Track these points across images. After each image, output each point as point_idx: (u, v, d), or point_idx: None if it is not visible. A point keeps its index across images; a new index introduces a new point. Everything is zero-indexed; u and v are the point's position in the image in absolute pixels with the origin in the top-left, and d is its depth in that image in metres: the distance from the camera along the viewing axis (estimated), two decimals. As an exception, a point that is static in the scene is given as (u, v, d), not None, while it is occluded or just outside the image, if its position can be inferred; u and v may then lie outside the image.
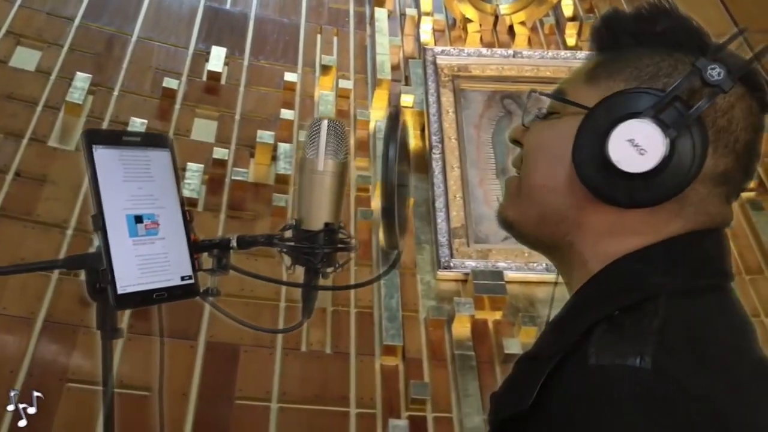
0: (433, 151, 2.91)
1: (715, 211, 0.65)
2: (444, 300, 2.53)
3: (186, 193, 2.60)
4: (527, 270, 2.63)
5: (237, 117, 3.00)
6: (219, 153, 2.75)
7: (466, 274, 2.58)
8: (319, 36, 3.51)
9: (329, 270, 0.89)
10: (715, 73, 0.60)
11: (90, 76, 2.85)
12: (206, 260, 0.98)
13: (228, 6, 3.53)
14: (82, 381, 2.11)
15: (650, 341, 0.54)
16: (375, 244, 2.65)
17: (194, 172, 2.66)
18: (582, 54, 3.42)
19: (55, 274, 2.29)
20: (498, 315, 2.52)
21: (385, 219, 0.86)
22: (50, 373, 2.12)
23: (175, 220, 0.89)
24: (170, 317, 2.38)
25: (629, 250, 0.63)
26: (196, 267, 0.90)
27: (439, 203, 2.75)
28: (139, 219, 0.85)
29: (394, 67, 3.40)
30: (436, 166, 2.85)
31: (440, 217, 2.71)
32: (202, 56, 3.18)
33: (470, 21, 3.67)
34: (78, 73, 2.83)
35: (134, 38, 3.16)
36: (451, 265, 2.60)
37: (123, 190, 0.84)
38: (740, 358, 0.60)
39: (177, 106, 2.96)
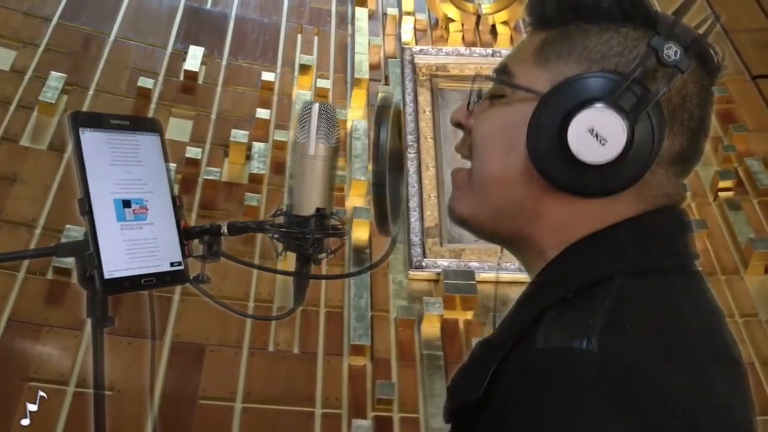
0: (408, 150, 2.89)
1: (673, 190, 0.64)
2: (415, 300, 2.51)
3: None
4: (500, 270, 2.61)
5: (213, 116, 3.00)
6: (192, 152, 2.74)
7: (439, 273, 2.56)
8: (299, 36, 3.50)
9: (321, 256, 0.88)
10: (672, 52, 0.57)
11: (65, 75, 2.85)
12: (196, 247, 0.96)
13: (208, 6, 3.52)
14: (45, 380, 2.10)
15: (598, 323, 0.53)
16: (347, 243, 2.64)
17: (166, 171, 2.64)
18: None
19: (22, 273, 2.28)
20: (469, 315, 2.50)
21: (376, 206, 0.82)
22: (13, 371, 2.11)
23: (164, 206, 0.87)
24: (135, 316, 2.36)
25: (586, 234, 0.61)
26: (185, 253, 0.88)
27: (413, 203, 2.74)
28: (127, 203, 0.83)
29: (375, 67, 3.39)
30: (411, 166, 2.84)
31: (413, 216, 2.69)
32: (180, 56, 3.18)
33: (452, 21, 3.66)
34: (52, 72, 2.83)
35: (112, 38, 3.16)
36: (423, 264, 2.59)
37: (111, 173, 0.83)
38: (699, 338, 0.57)
39: (152, 106, 2.95)
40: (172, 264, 0.86)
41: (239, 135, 2.83)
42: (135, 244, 0.83)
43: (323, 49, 3.47)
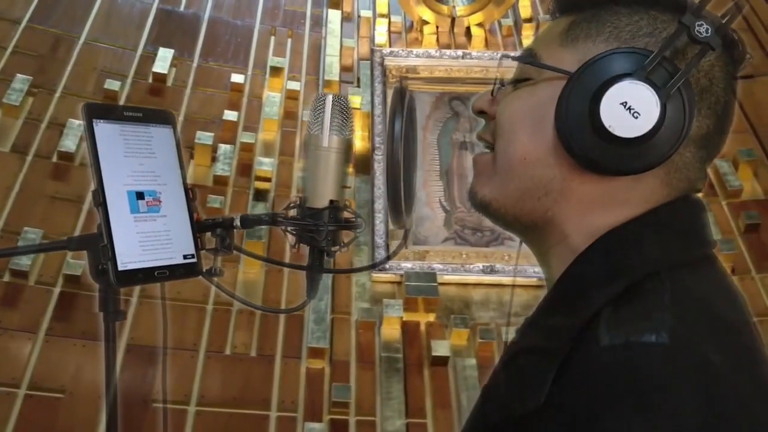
0: (376, 152, 2.88)
1: (695, 176, 0.63)
2: (378, 302, 2.50)
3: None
4: (464, 272, 2.60)
5: (180, 118, 2.98)
6: (156, 154, 2.72)
7: (402, 275, 2.54)
8: (272, 38, 3.49)
9: (334, 249, 0.85)
10: (703, 29, 0.57)
11: (30, 77, 2.84)
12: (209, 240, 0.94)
13: (181, 8, 3.51)
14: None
15: (663, 316, 0.52)
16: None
17: (129, 173, 2.63)
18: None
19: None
20: (431, 317, 2.48)
21: (390, 198, 0.82)
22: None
23: (177, 198, 0.86)
24: (92, 319, 2.35)
25: (616, 222, 0.60)
26: (198, 246, 0.87)
27: (379, 204, 2.72)
28: (140, 195, 0.82)
29: (347, 69, 3.38)
30: (378, 168, 2.83)
31: (379, 218, 2.68)
32: (150, 58, 3.16)
33: (427, 23, 3.65)
34: (18, 75, 2.82)
35: (81, 40, 3.15)
36: (387, 266, 2.57)
37: (124, 165, 0.82)
38: (740, 327, 0.58)
39: (119, 108, 2.94)
40: (185, 257, 0.86)
41: (204, 137, 2.82)
42: (148, 236, 0.82)
43: (296, 51, 3.46)
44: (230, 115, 2.98)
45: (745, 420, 0.50)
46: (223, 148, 2.84)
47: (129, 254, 0.80)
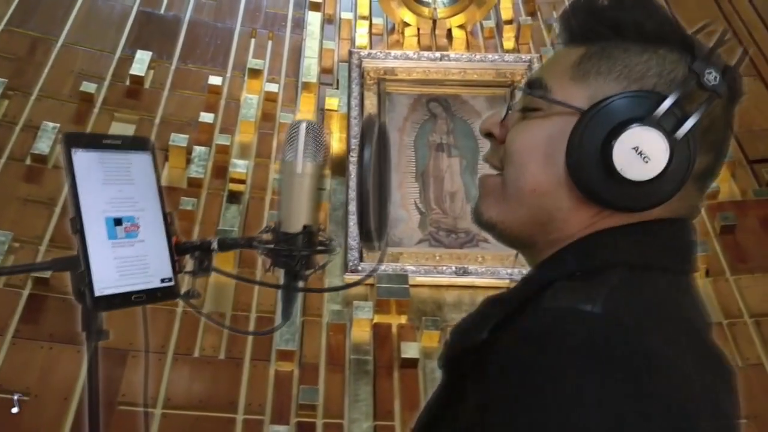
0: (351, 153, 2.87)
1: (695, 203, 0.66)
2: (349, 304, 2.49)
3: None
4: (436, 273, 2.59)
5: (157, 120, 2.98)
6: (129, 156, 2.72)
7: (375, 277, 2.53)
8: (253, 40, 3.49)
9: (308, 272, 0.89)
10: (712, 77, 0.60)
11: (6, 80, 2.84)
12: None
13: (162, 10, 3.51)
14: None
15: (603, 292, 0.55)
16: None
17: (102, 175, 2.63)
18: (518, 56, 3.39)
19: None
20: (403, 319, 2.47)
21: (360, 226, 0.85)
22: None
23: (156, 223, 0.89)
24: (61, 321, 2.35)
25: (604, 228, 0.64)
26: (176, 269, 0.90)
27: (353, 206, 2.71)
28: (118, 221, 0.85)
29: (328, 71, 3.38)
30: (353, 169, 2.81)
31: (353, 220, 2.67)
32: (129, 60, 3.16)
33: (408, 25, 3.64)
34: (-7, 77, 2.82)
35: (60, 42, 3.15)
36: (360, 268, 2.56)
37: (102, 192, 0.84)
38: (687, 326, 0.60)
39: (95, 110, 2.94)
40: (162, 280, 0.88)
41: (179, 139, 2.81)
42: (126, 262, 0.85)
43: (276, 54, 3.45)
44: (206, 117, 2.98)
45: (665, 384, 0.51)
46: (198, 150, 2.84)
47: (106, 280, 0.82)
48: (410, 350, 2.33)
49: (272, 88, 3.20)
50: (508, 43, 3.60)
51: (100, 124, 2.89)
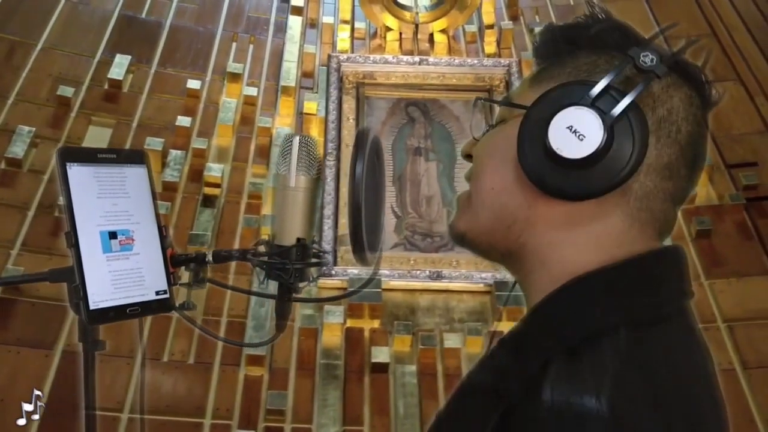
0: (327, 157, 2.87)
1: (659, 208, 0.64)
2: (321, 309, 2.48)
3: (60, 200, 2.57)
4: (410, 278, 2.59)
5: (134, 124, 2.98)
6: (104, 160, 2.72)
7: (347, 281, 2.53)
8: (234, 44, 3.49)
9: (301, 285, 0.90)
10: (648, 59, 0.61)
11: (-19, 84, 2.84)
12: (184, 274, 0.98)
13: (143, 14, 3.51)
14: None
15: (607, 381, 0.53)
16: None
17: (76, 179, 2.63)
18: (497, 60, 3.39)
19: None
20: (376, 323, 2.46)
21: (352, 239, 0.85)
22: None
23: (150, 236, 0.90)
24: (29, 326, 2.34)
25: (587, 260, 0.62)
26: (171, 281, 0.91)
27: (328, 210, 2.71)
28: (113, 235, 0.86)
29: (308, 75, 3.38)
30: (329, 173, 2.82)
31: (327, 224, 2.67)
32: (108, 64, 3.16)
33: (390, 29, 3.64)
34: (-32, 81, 2.82)
35: (39, 46, 3.15)
36: (333, 273, 2.56)
37: (97, 206, 0.85)
38: (698, 395, 0.59)
39: (72, 114, 2.93)
40: (157, 293, 0.89)
41: (154, 142, 2.81)
42: (121, 275, 0.85)
43: (257, 58, 3.45)
44: (183, 120, 2.97)
45: None
46: (174, 153, 2.84)
47: (101, 293, 0.83)
48: (381, 355, 2.32)
49: (251, 92, 3.20)
50: (490, 47, 3.60)
51: (77, 128, 2.89)
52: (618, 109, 0.60)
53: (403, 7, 3.68)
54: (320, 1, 3.85)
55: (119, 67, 3.12)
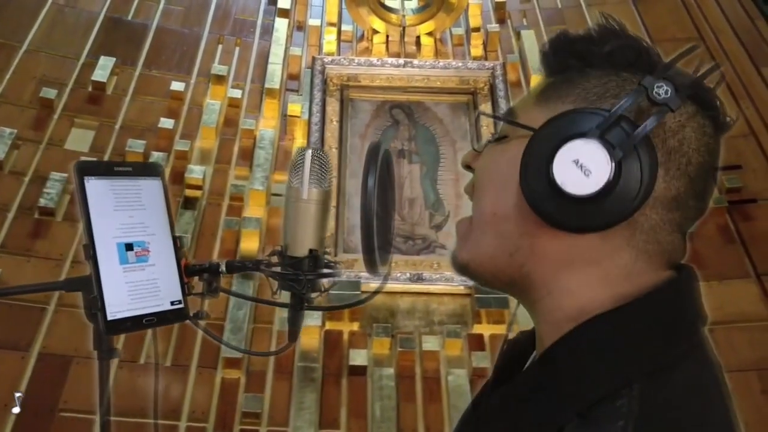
0: (310, 160, 2.86)
1: (666, 239, 0.61)
2: (300, 311, 2.47)
3: (42, 202, 2.57)
4: (391, 280, 2.57)
5: (117, 126, 2.98)
6: (85, 162, 2.71)
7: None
8: (220, 46, 3.49)
9: (314, 295, 0.92)
10: (662, 91, 0.58)
11: (-38, 87, 2.84)
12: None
13: (129, 17, 3.52)
14: None
15: None
16: (239, 255, 2.61)
17: (56, 181, 2.63)
18: (482, 63, 3.39)
19: None
20: (355, 326, 2.46)
21: (364, 249, 0.86)
22: None
23: (165, 247, 0.92)
24: (5, 328, 2.33)
25: (597, 297, 0.60)
26: (185, 291, 0.93)
27: (309, 213, 2.70)
28: (129, 247, 0.88)
29: (294, 77, 3.38)
30: (311, 176, 2.80)
31: (308, 226, 2.65)
32: (93, 66, 3.16)
33: (377, 32, 3.64)
34: (-49, 83, 2.82)
35: (23, 48, 3.15)
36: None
37: (114, 219, 0.87)
38: None
39: (55, 116, 2.93)
40: (172, 303, 0.91)
41: (135, 144, 2.81)
42: (137, 286, 0.87)
43: (243, 60, 3.45)
44: (166, 122, 2.97)
45: None
46: (156, 155, 2.83)
47: (118, 304, 0.85)
48: (358, 357, 2.32)
49: (236, 94, 3.20)
50: (476, 50, 3.60)
51: (59, 130, 2.88)
52: (628, 144, 0.57)
53: (389, 9, 3.68)
54: (308, 3, 3.86)
55: (103, 69, 3.12)
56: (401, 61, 3.23)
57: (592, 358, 0.58)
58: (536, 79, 3.48)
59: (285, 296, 0.97)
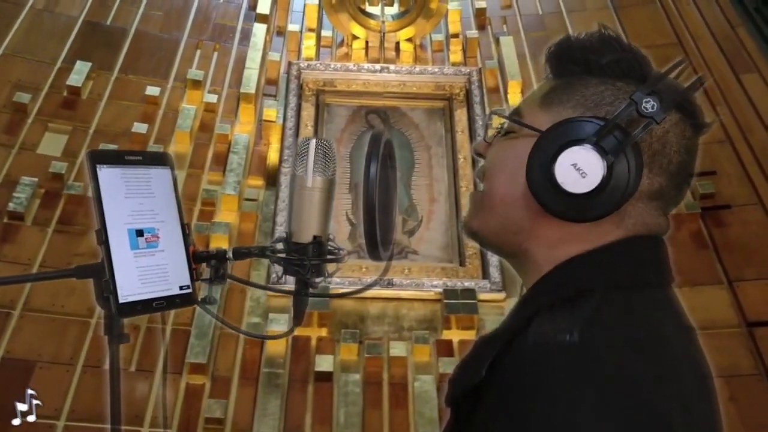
0: (283, 164, 2.86)
1: (652, 222, 0.72)
2: (267, 317, 2.46)
3: (11, 207, 2.57)
4: (361, 285, 2.56)
5: (91, 131, 2.97)
6: (56, 167, 2.71)
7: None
8: (198, 51, 3.49)
9: (318, 280, 0.95)
10: (649, 105, 0.68)
11: (-65, 91, 2.83)
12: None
13: (108, 22, 3.52)
14: None
15: (580, 321, 0.63)
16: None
17: (26, 185, 2.62)
18: (458, 69, 3.38)
19: None
20: (324, 331, 2.44)
21: (366, 236, 0.91)
22: None
23: (174, 233, 0.95)
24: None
25: (576, 254, 0.71)
26: (194, 277, 0.96)
27: (281, 217, 2.70)
28: (140, 233, 0.91)
29: (272, 83, 3.38)
30: (284, 180, 2.80)
31: (278, 231, 2.65)
32: (68, 71, 3.16)
33: (357, 38, 3.65)
34: (-77, 88, 2.81)
35: (-1, 53, 3.15)
36: (282, 281, 2.53)
37: (125, 206, 0.90)
38: (675, 351, 0.66)
39: (29, 121, 2.93)
40: (181, 287, 0.94)
41: (108, 149, 2.79)
42: (147, 270, 0.90)
43: (221, 65, 3.45)
44: (140, 127, 2.97)
45: (637, 404, 0.59)
46: (128, 160, 2.82)
47: (129, 288, 0.88)
48: (324, 363, 2.30)
49: (212, 98, 3.20)
50: (455, 56, 3.61)
51: (32, 135, 2.88)
52: (618, 151, 0.67)
53: (369, 15, 3.68)
54: (288, 9, 3.87)
55: (78, 73, 3.12)
56: (377, 66, 3.23)
57: (563, 277, 0.70)
58: (514, 85, 3.50)
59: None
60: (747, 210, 2.82)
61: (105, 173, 0.89)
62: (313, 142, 0.93)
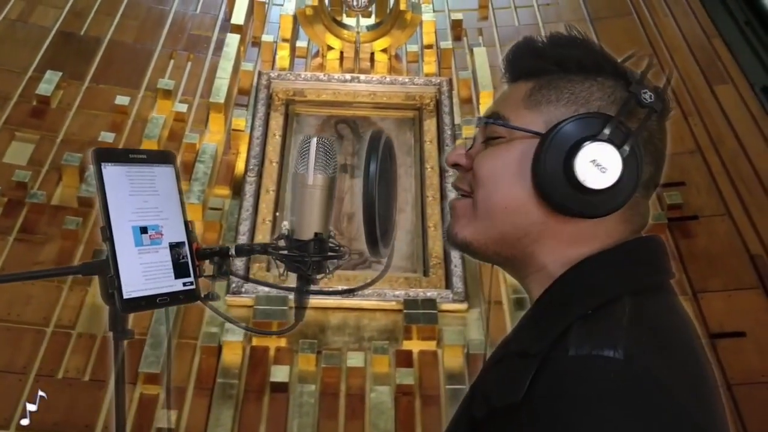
0: (249, 173, 2.85)
1: (643, 210, 0.74)
2: (223, 326, 2.43)
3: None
4: (322, 296, 2.54)
5: (58, 140, 2.97)
6: (19, 175, 2.70)
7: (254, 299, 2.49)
8: (171, 61, 3.49)
9: (319, 276, 0.96)
10: (648, 96, 0.70)
11: None
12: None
13: (82, 31, 3.52)
14: None
15: (621, 335, 0.62)
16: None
17: (-11, 194, 2.62)
18: (428, 80, 3.38)
19: None
20: (283, 342, 2.42)
21: (367, 233, 0.92)
22: None
23: (178, 230, 0.96)
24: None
25: (588, 252, 0.71)
26: (197, 273, 0.96)
27: (244, 227, 2.68)
28: (144, 230, 0.92)
29: (245, 92, 3.38)
30: (249, 189, 2.80)
31: (241, 240, 2.63)
32: (39, 80, 3.16)
33: (332, 48, 3.65)
34: None
35: (-33, 63, 3.15)
36: (243, 290, 2.52)
37: (129, 203, 0.92)
38: (687, 347, 0.68)
39: (-5, 129, 2.93)
40: (184, 284, 0.94)
41: (72, 158, 2.80)
42: (151, 267, 0.91)
43: (194, 75, 3.45)
44: (107, 136, 2.96)
45: (681, 423, 0.60)
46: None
47: (133, 284, 0.89)
48: (280, 374, 2.28)
49: (182, 108, 3.19)
50: (429, 67, 3.61)
51: (-1, 144, 2.88)
52: (630, 143, 0.69)
53: (344, 26, 3.69)
54: (264, 20, 3.88)
55: (48, 83, 3.12)
56: (348, 76, 3.23)
57: (586, 282, 0.69)
58: (486, 95, 3.50)
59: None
60: (714, 221, 2.80)
61: (110, 171, 0.90)
62: (315, 140, 0.93)
